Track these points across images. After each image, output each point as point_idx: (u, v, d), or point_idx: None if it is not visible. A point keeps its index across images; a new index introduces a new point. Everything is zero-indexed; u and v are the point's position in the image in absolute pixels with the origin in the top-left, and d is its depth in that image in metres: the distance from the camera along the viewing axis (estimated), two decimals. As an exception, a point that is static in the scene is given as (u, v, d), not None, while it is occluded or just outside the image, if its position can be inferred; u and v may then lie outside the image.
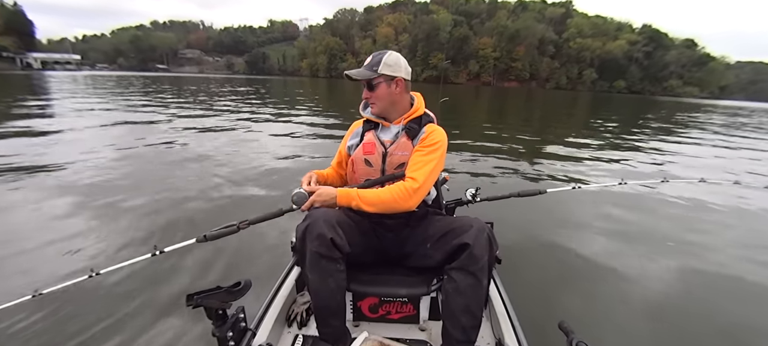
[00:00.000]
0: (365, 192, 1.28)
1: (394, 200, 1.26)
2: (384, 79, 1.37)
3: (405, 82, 1.40)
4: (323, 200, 1.26)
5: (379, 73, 1.36)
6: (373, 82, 1.37)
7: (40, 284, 1.42)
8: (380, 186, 1.36)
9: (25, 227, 2.95)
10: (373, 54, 1.40)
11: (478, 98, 30.11)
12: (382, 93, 1.39)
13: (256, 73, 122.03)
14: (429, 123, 1.43)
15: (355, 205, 1.26)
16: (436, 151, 1.36)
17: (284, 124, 9.67)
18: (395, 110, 1.43)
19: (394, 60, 1.37)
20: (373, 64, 1.37)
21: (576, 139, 9.02)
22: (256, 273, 2.27)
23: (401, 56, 1.40)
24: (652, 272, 2.67)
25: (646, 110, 23.24)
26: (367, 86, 1.38)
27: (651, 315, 2.18)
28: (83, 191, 3.77)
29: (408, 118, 1.43)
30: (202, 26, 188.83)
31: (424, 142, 1.37)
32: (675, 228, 3.57)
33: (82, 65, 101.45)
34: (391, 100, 1.40)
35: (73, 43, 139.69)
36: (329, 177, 1.58)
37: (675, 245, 3.15)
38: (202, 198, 3.73)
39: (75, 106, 12.06)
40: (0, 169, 4.48)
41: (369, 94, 1.40)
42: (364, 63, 1.40)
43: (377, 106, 1.42)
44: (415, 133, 1.40)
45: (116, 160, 5.12)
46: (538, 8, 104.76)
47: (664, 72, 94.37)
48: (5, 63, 67.96)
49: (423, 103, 1.48)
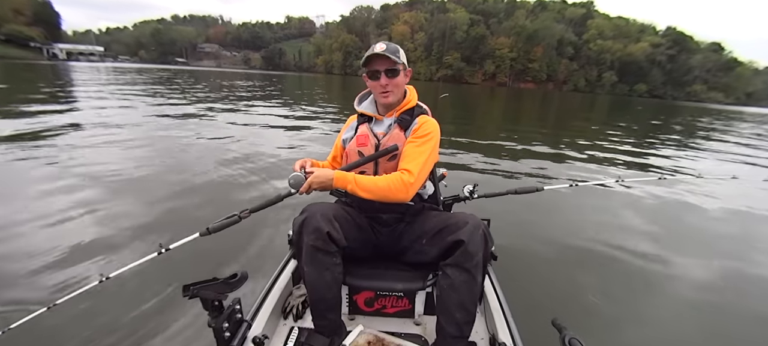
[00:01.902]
0: (361, 178, 1.27)
1: (390, 188, 1.25)
2: (402, 67, 1.39)
3: (407, 75, 1.44)
4: (321, 181, 1.25)
5: (401, 60, 1.37)
6: (397, 68, 1.37)
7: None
8: (374, 164, 1.38)
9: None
10: (380, 43, 1.37)
11: (492, 99, 29.78)
12: (401, 81, 1.39)
13: (272, 68, 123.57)
14: (421, 114, 1.43)
15: (350, 188, 1.26)
16: (429, 142, 1.35)
17: (295, 119, 9.76)
18: (398, 96, 1.43)
19: (402, 53, 1.40)
20: (393, 51, 1.35)
21: (585, 142, 8.90)
22: (252, 265, 2.30)
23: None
24: (646, 269, 2.69)
25: (668, 114, 22.63)
26: (387, 73, 1.35)
27: (644, 312, 2.21)
28: (86, 181, 3.85)
29: (400, 110, 1.43)
30: (221, 21, 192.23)
31: (416, 134, 1.36)
32: (671, 227, 3.62)
33: (105, 57, 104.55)
34: (398, 88, 1.40)
35: (96, 35, 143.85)
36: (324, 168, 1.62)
37: (669, 243, 3.18)
38: (205, 190, 3.80)
39: (97, 95, 12.47)
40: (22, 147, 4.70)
41: (388, 81, 1.36)
42: (377, 49, 1.34)
43: (394, 95, 1.40)
44: (408, 124, 1.40)
45: (128, 150, 5.28)
46: (558, 8, 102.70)
47: (688, 76, 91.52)
48: (33, 53, 70.48)
49: (416, 95, 1.48)
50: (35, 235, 2.70)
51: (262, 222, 2.90)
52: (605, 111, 22.88)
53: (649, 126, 14.39)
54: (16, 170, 4.15)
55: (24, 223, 2.84)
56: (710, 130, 14.31)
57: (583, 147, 7.99)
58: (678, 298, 2.39)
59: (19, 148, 4.94)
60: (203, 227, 1.37)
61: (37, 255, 2.40)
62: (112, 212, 3.13)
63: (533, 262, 2.69)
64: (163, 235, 2.67)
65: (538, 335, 1.31)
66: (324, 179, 1.25)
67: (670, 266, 2.77)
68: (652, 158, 7.31)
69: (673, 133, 12.32)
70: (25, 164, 4.33)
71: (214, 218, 1.37)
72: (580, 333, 0.99)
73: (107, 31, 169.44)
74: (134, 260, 1.38)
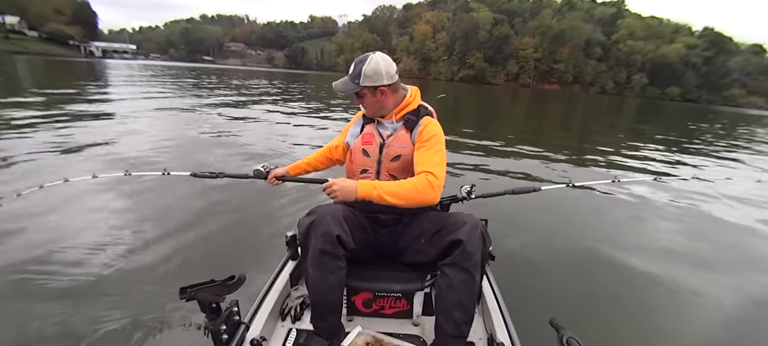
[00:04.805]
0: (387, 184, 1.26)
1: (418, 191, 1.24)
2: (368, 89, 1.38)
3: (389, 88, 1.39)
4: (345, 194, 1.23)
5: (361, 86, 1.37)
6: (359, 93, 1.40)
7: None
8: (377, 167, 1.41)
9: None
10: (355, 61, 1.39)
11: (514, 101, 29.20)
12: (369, 102, 1.42)
13: (294, 67, 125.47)
14: (426, 116, 1.43)
15: (376, 195, 1.23)
16: (438, 143, 1.36)
17: (313, 117, 9.91)
18: (387, 110, 1.44)
19: (372, 70, 1.35)
20: (354, 76, 1.37)
21: (605, 148, 8.63)
22: (250, 267, 2.31)
23: (382, 59, 1.37)
24: (642, 268, 2.72)
25: (700, 119, 21.63)
26: (356, 94, 1.42)
27: (640, 311, 2.24)
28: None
29: (403, 111, 1.43)
30: (246, 20, 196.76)
31: (422, 139, 1.36)
32: (667, 226, 3.65)
33: (137, 55, 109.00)
34: (380, 105, 1.42)
35: (130, 33, 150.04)
36: (312, 163, 1.70)
37: (667, 243, 3.23)
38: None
39: (131, 90, 13.22)
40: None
41: (359, 100, 1.44)
42: (349, 70, 1.40)
43: (368, 111, 1.48)
44: (413, 125, 1.41)
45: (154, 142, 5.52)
46: (587, 7, 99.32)
47: (726, 79, 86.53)
48: (71, 50, 74.17)
49: (418, 95, 1.48)
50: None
51: (260, 224, 2.97)
52: (632, 116, 22.04)
53: (687, 131, 13.88)
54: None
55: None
56: (744, 137, 13.56)
57: (601, 151, 7.82)
58: (677, 297, 2.41)
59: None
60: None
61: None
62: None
63: (531, 262, 2.75)
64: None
65: (536, 335, 1.32)
66: (348, 190, 1.23)
67: (666, 265, 2.79)
68: (644, 159, 7.22)
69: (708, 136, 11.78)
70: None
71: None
72: (578, 333, 0.99)
73: (140, 30, 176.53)
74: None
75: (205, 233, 2.78)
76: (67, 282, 2.14)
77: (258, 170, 1.70)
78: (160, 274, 2.28)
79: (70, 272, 2.23)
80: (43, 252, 2.42)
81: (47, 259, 2.36)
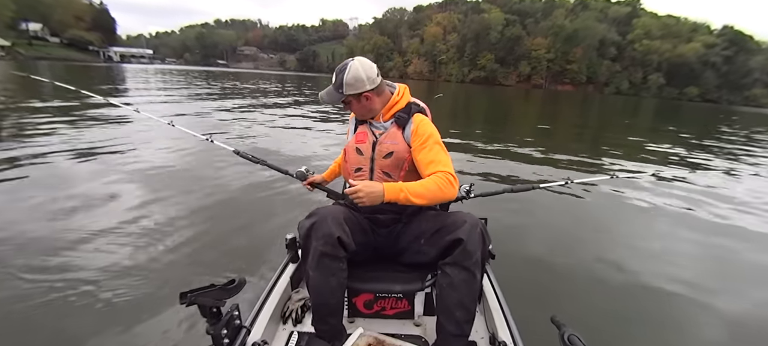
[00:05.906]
0: (412, 185, 1.25)
1: (440, 188, 1.24)
2: (352, 97, 1.38)
3: (373, 92, 1.38)
4: (372, 198, 1.21)
5: (345, 95, 1.37)
6: (344, 100, 1.41)
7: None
8: (370, 166, 1.42)
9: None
10: (336, 70, 1.39)
11: (527, 102, 28.85)
12: (356, 108, 1.43)
13: (306, 70, 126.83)
14: (417, 113, 1.43)
15: (403, 196, 1.22)
16: (438, 141, 1.37)
17: (326, 122, 9.97)
18: (375, 112, 1.44)
19: (353, 77, 1.34)
20: (337, 86, 1.38)
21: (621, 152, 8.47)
22: (250, 271, 2.31)
23: (361, 65, 1.36)
24: (641, 266, 2.70)
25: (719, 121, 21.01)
26: (343, 102, 1.43)
27: (641, 308, 2.23)
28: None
29: (391, 111, 1.44)
30: (259, 24, 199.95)
31: (420, 140, 1.36)
32: (668, 222, 3.65)
33: (154, 59, 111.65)
34: (367, 109, 1.42)
35: (147, 39, 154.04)
36: (331, 174, 1.75)
37: (666, 242, 3.22)
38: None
39: (149, 92, 13.59)
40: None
41: (346, 108, 1.45)
42: (332, 80, 1.41)
43: (357, 116, 1.50)
44: (405, 122, 1.41)
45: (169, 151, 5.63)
46: (601, 7, 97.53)
47: (747, 79, 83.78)
48: (91, 55, 76.37)
49: (407, 93, 1.48)
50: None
51: (260, 226, 2.99)
52: (650, 116, 21.55)
53: (702, 130, 13.60)
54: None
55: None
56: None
57: (607, 152, 7.71)
58: (677, 295, 2.39)
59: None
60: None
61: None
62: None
63: (531, 260, 2.72)
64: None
65: (538, 333, 1.31)
66: (374, 195, 1.21)
67: (668, 262, 2.78)
68: (644, 158, 7.08)
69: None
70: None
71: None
72: (579, 330, 0.98)
73: (156, 35, 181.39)
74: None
75: (206, 233, 2.80)
76: (66, 283, 2.12)
77: (300, 172, 1.74)
78: (160, 277, 2.25)
79: (69, 269, 2.25)
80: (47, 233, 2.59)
81: (46, 248, 2.45)
